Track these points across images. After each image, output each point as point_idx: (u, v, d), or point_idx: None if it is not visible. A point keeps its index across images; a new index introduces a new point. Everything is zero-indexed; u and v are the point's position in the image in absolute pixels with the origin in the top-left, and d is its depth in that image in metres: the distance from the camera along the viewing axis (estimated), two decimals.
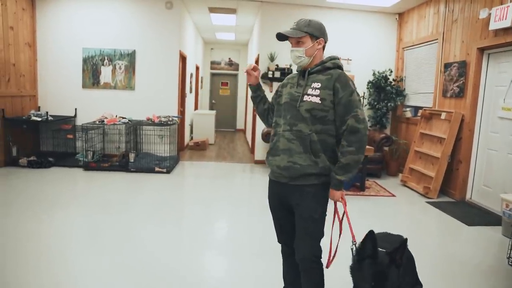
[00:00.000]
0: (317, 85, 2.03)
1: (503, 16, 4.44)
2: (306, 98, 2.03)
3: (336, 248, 2.10)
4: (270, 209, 2.26)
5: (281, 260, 2.37)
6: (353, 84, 2.05)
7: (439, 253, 3.53)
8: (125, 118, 6.62)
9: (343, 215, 2.06)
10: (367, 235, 1.80)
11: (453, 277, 3.07)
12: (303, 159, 2.00)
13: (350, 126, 1.99)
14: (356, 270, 1.85)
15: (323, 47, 2.13)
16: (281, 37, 2.07)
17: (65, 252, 3.13)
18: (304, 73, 2.10)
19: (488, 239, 3.95)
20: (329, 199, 2.09)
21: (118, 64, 6.92)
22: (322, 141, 2.03)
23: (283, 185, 2.10)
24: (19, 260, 2.94)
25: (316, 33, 2.06)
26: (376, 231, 1.83)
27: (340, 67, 2.12)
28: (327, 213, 2.10)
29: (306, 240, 2.05)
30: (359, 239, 1.87)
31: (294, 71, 2.29)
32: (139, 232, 3.66)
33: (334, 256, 2.10)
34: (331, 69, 2.08)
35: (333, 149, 2.08)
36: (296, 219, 2.09)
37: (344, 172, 1.99)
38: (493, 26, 4.60)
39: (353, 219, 4.06)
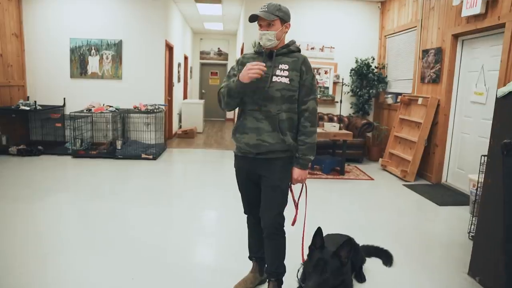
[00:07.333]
0: (284, 66, 2.15)
1: (473, 3, 4.60)
2: (275, 79, 2.13)
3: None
4: (238, 183, 2.40)
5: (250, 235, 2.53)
6: None
7: (410, 230, 3.73)
8: (112, 106, 6.75)
9: (300, 195, 2.26)
10: (316, 231, 2.09)
11: (422, 250, 3.27)
12: (271, 137, 2.12)
13: (312, 108, 2.15)
14: (306, 261, 2.14)
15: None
16: (252, 18, 2.17)
17: (55, 235, 3.27)
18: (271, 55, 2.18)
19: (455, 217, 4.16)
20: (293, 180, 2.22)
21: (105, 54, 7.02)
22: (289, 120, 2.16)
23: (250, 159, 2.23)
24: (8, 245, 3.07)
25: (285, 17, 2.19)
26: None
27: (300, 51, 2.27)
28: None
29: (271, 208, 2.18)
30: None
31: (251, 52, 2.33)
32: (128, 215, 3.80)
33: (296, 215, 2.25)
34: (295, 52, 2.22)
35: (296, 126, 2.21)
36: (263, 189, 2.22)
37: (312, 152, 2.16)
38: (465, 13, 4.76)
39: (331, 201, 4.28)
